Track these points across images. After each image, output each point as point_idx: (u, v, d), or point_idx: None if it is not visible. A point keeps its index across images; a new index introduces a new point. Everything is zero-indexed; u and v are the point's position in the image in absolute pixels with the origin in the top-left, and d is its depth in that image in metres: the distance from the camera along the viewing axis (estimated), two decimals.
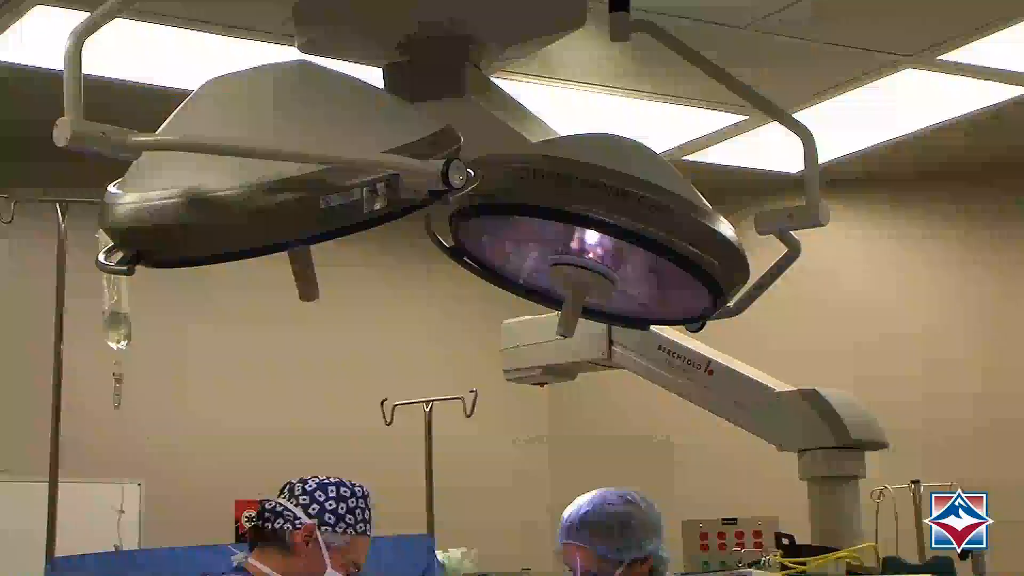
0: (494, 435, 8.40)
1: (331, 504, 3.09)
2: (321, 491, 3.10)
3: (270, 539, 3.07)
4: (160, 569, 3.89)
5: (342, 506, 3.10)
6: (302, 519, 3.06)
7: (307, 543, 3.04)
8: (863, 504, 5.19)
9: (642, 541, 3.29)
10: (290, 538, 3.05)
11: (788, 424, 5.04)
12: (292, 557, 3.05)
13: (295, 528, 3.05)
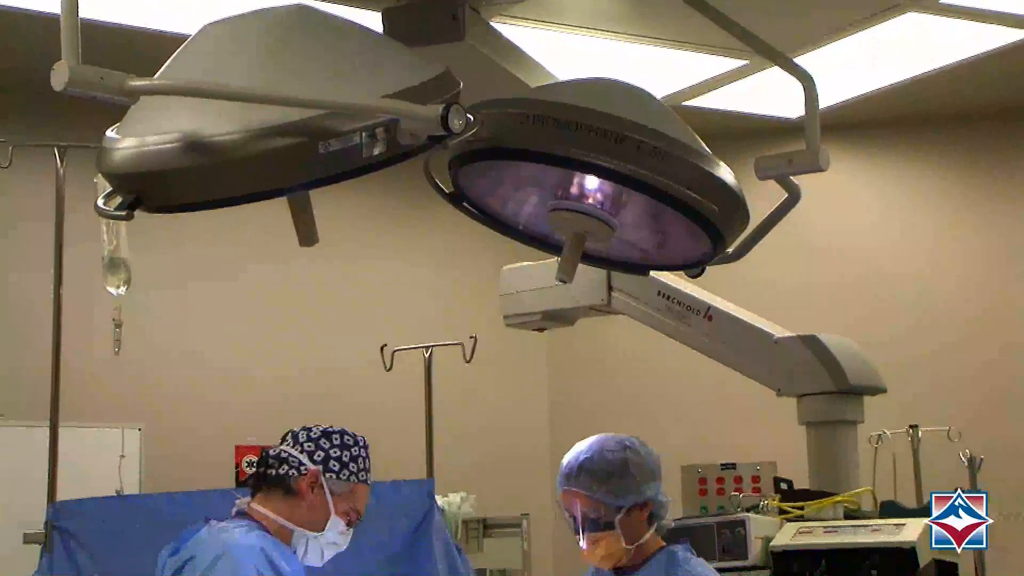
0: (493, 381, 8.42)
1: (335, 452, 3.11)
2: (325, 439, 3.12)
3: (274, 485, 3.10)
4: (161, 513, 3.90)
5: (345, 454, 3.12)
6: (307, 465, 3.09)
7: (312, 489, 3.07)
8: (861, 449, 5.22)
9: (641, 486, 3.30)
10: (295, 484, 3.07)
11: (787, 369, 5.06)
12: (296, 503, 3.07)
13: (300, 474, 3.08)
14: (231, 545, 2.94)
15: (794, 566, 4.49)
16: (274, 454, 3.12)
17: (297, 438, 3.13)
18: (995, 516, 4.75)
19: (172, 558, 3.07)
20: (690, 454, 5.38)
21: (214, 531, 3.04)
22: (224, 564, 2.89)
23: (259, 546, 2.95)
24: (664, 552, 3.34)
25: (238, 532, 3.01)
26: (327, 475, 3.08)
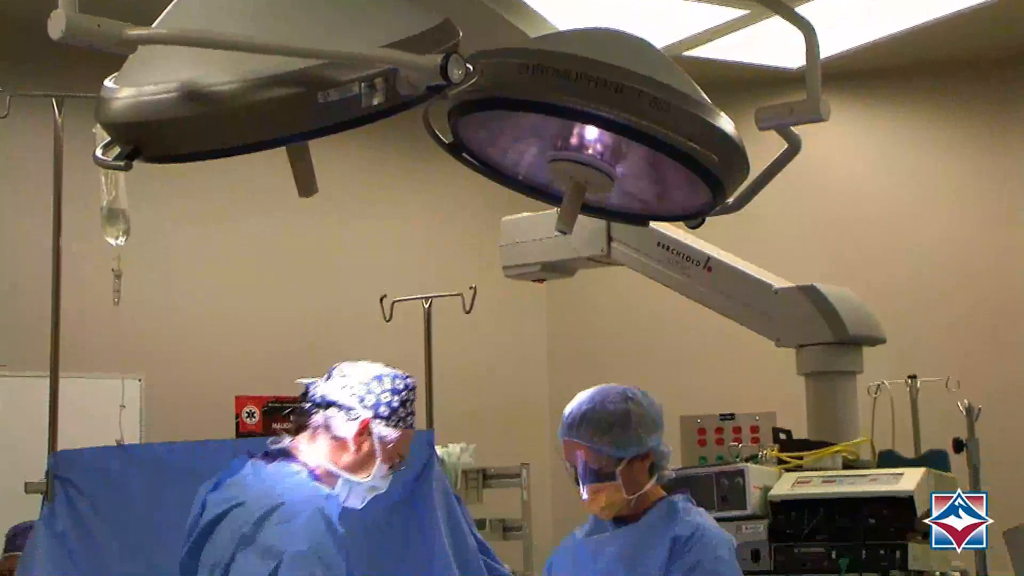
0: (493, 332, 8.43)
1: (385, 396, 3.04)
2: (376, 383, 3.05)
3: (320, 428, 3.02)
4: (161, 463, 3.91)
5: (395, 399, 3.06)
6: (357, 411, 3.02)
7: (360, 435, 3.00)
8: (860, 399, 5.23)
9: (642, 437, 3.31)
10: (344, 430, 3.00)
11: (786, 320, 5.07)
12: (343, 448, 3.00)
13: (349, 420, 3.01)
14: (287, 497, 2.86)
15: (792, 515, 4.51)
16: (321, 395, 3.04)
17: (347, 379, 3.05)
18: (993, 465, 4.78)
19: (214, 495, 2.99)
20: (689, 405, 5.40)
21: (263, 474, 2.96)
22: (280, 517, 2.81)
23: (316, 504, 2.87)
24: (664, 502, 3.36)
25: (291, 481, 2.94)
26: (376, 420, 3.02)
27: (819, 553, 4.46)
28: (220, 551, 2.84)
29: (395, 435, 3.05)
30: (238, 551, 2.79)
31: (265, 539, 2.78)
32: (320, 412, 3.02)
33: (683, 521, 3.28)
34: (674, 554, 3.22)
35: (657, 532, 3.28)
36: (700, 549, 3.22)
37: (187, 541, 2.97)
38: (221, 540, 2.86)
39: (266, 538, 2.78)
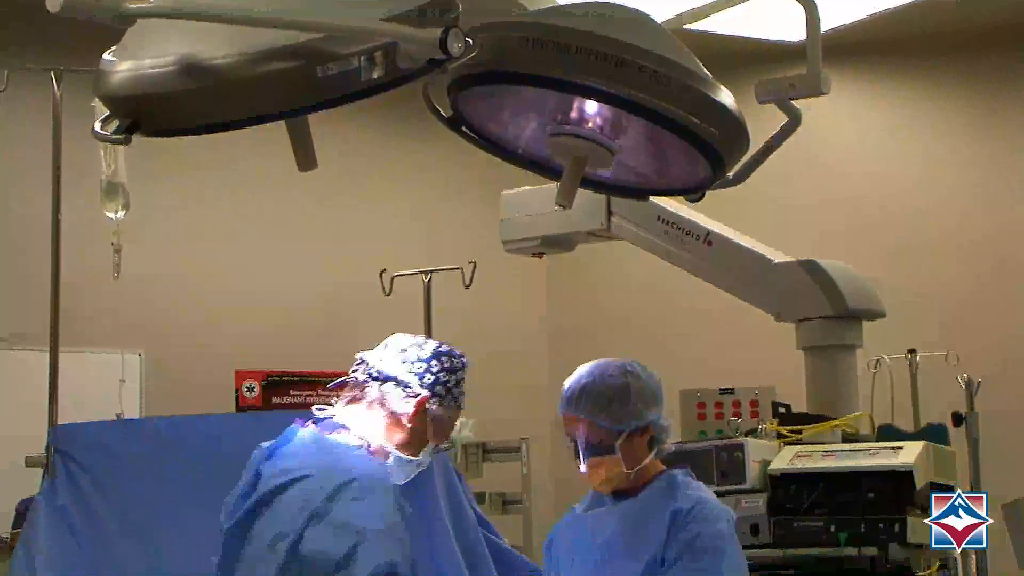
0: (493, 306, 8.43)
1: (443, 376, 3.02)
2: (436, 361, 3.03)
3: (376, 402, 3.00)
4: (162, 437, 3.92)
5: (452, 379, 3.04)
6: (415, 388, 3.00)
7: (416, 414, 2.98)
8: (859, 373, 5.24)
9: (642, 411, 3.31)
10: (400, 407, 2.99)
11: (786, 294, 5.06)
12: (398, 425, 2.99)
13: (406, 397, 2.99)
14: (358, 473, 2.83)
15: (792, 489, 4.52)
16: (380, 368, 3.02)
17: (407, 356, 3.03)
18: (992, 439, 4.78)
19: (270, 464, 2.95)
20: (689, 379, 5.40)
21: (325, 446, 2.94)
22: (354, 493, 2.79)
23: (386, 481, 2.86)
24: (664, 476, 3.36)
25: (357, 456, 2.92)
26: (432, 399, 3.00)
27: (818, 527, 4.47)
28: (284, 523, 2.80)
29: (448, 415, 3.05)
30: (309, 525, 2.75)
31: (340, 515, 2.74)
32: (376, 386, 3.00)
33: (683, 495, 3.29)
34: (674, 528, 3.23)
35: (657, 506, 3.29)
36: (700, 523, 3.23)
37: (237, 509, 2.93)
38: (285, 512, 2.82)
39: (341, 514, 2.74)
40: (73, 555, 3.64)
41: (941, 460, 4.62)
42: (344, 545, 2.70)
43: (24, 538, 3.70)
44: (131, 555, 3.71)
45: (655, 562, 3.22)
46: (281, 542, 2.79)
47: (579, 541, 3.41)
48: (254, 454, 3.00)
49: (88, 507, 3.75)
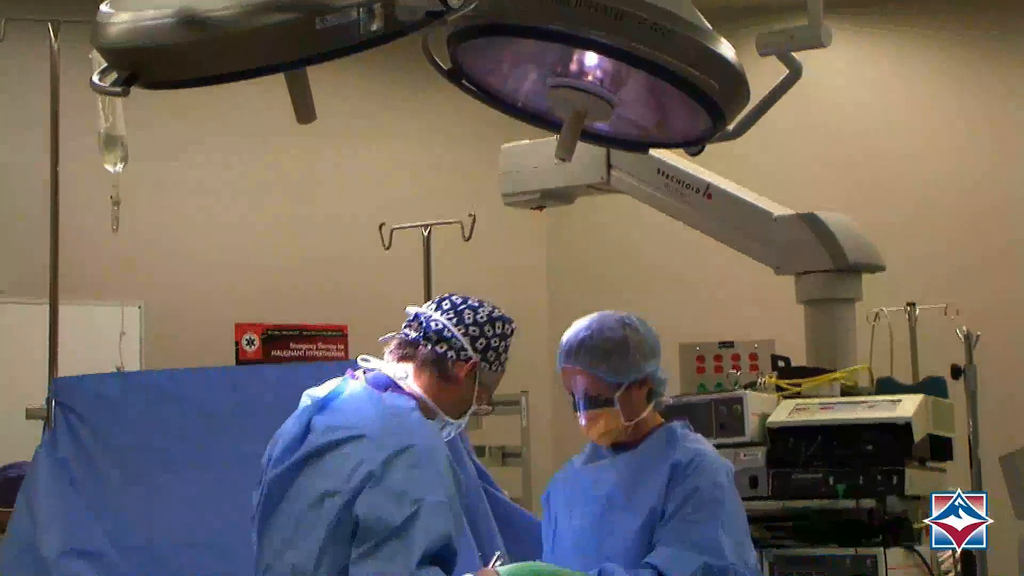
0: (492, 259, 8.42)
1: (495, 341, 3.03)
2: (490, 325, 3.03)
3: (428, 362, 2.99)
4: (162, 390, 3.92)
5: (502, 344, 3.05)
6: (469, 352, 2.99)
7: (466, 376, 2.99)
8: (859, 326, 5.24)
9: (640, 364, 3.32)
10: (452, 368, 2.98)
11: (786, 247, 5.06)
12: (447, 386, 2.99)
13: (460, 359, 2.99)
14: (417, 439, 2.82)
15: (790, 442, 4.53)
16: (436, 328, 3.00)
17: (463, 318, 3.02)
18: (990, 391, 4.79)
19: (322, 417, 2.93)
20: (688, 332, 5.40)
21: (380, 406, 2.92)
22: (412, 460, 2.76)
23: (442, 448, 2.85)
24: (663, 429, 3.37)
25: (412, 419, 2.90)
26: (483, 364, 3.01)
27: (817, 479, 4.48)
28: (337, 480, 2.78)
29: (493, 379, 3.06)
30: (365, 488, 2.74)
31: (398, 482, 2.73)
32: (430, 346, 2.99)
33: (682, 447, 3.30)
34: (673, 480, 3.24)
35: (656, 458, 3.30)
36: (699, 475, 3.24)
37: (284, 458, 2.91)
38: (338, 470, 2.80)
39: (399, 481, 2.73)
40: (73, 505, 3.66)
41: (940, 413, 4.63)
42: (402, 513, 2.69)
43: (25, 489, 3.71)
44: (131, 505, 3.72)
45: (654, 514, 3.23)
46: (330, 499, 2.78)
47: (578, 494, 3.42)
48: (303, 403, 2.99)
49: (88, 458, 3.76)
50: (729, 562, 3.16)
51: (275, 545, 2.89)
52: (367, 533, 2.71)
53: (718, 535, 3.18)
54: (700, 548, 3.15)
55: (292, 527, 2.85)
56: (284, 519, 2.88)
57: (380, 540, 2.69)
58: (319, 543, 2.77)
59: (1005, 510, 4.54)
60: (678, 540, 3.18)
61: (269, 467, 2.96)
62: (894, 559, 4.40)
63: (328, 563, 2.76)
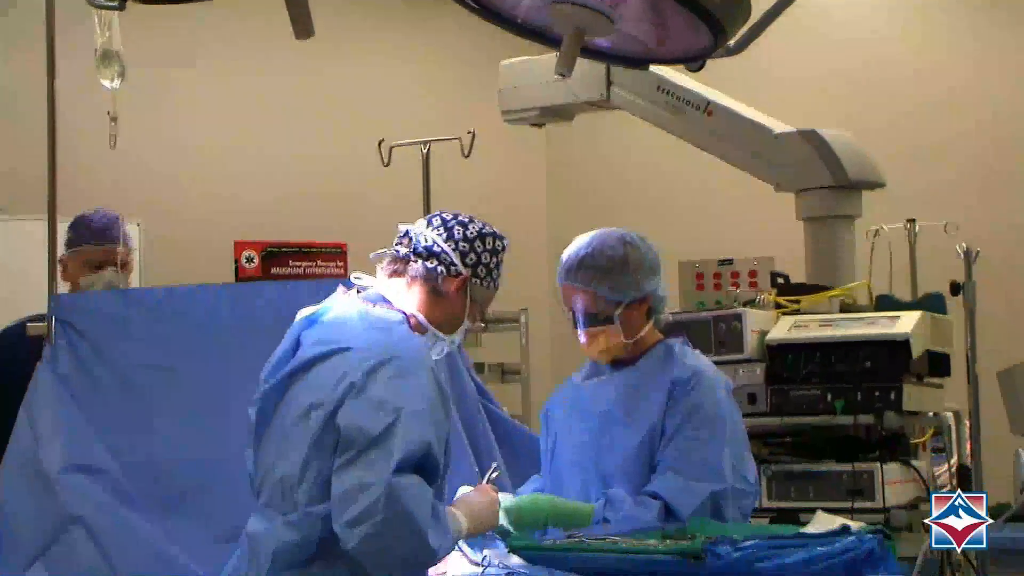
0: (491, 176, 8.40)
1: (486, 257, 3.06)
2: (480, 241, 3.06)
3: (419, 278, 3.01)
4: (161, 306, 3.93)
5: (493, 260, 3.08)
6: (459, 268, 3.01)
7: (457, 292, 3.01)
8: (858, 243, 5.24)
9: (640, 281, 3.32)
10: (442, 284, 3.01)
11: (786, 164, 5.05)
12: (438, 302, 3.01)
13: (450, 275, 3.01)
14: (400, 351, 2.84)
15: (789, 359, 4.55)
16: (426, 244, 3.02)
17: (452, 233, 3.04)
18: (989, 308, 4.80)
19: (311, 332, 2.97)
20: (688, 249, 5.39)
21: (368, 319, 2.95)
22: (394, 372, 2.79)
23: (427, 361, 2.87)
24: (662, 345, 3.38)
25: (398, 332, 2.93)
26: (474, 279, 3.03)
27: (815, 395, 4.51)
28: (322, 392, 2.83)
29: (485, 295, 3.08)
30: (347, 398, 2.78)
31: (378, 392, 2.77)
32: (420, 262, 3.01)
33: (681, 364, 3.31)
34: (673, 397, 3.25)
35: (655, 375, 3.32)
36: (699, 392, 3.26)
37: (275, 373, 2.95)
38: (323, 381, 2.85)
39: (380, 391, 2.77)
40: (75, 421, 3.67)
41: (938, 329, 4.65)
42: (382, 422, 2.73)
43: (26, 405, 3.72)
44: (132, 421, 3.73)
45: (653, 431, 3.25)
46: (316, 411, 2.82)
47: (577, 410, 3.44)
48: (296, 320, 3.02)
49: (89, 374, 3.77)
50: (729, 484, 3.19)
51: (268, 459, 2.93)
52: (348, 443, 2.75)
53: (721, 457, 3.20)
54: (704, 472, 3.17)
55: (282, 440, 2.89)
56: (275, 433, 2.93)
57: (360, 449, 2.72)
58: (304, 454, 2.81)
59: (1001, 425, 4.56)
60: (682, 461, 3.19)
61: (261, 383, 3.00)
62: (891, 474, 4.44)
63: (312, 473, 2.81)
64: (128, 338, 3.84)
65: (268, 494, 2.90)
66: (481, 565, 3.10)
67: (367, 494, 2.68)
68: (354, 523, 2.68)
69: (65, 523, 3.49)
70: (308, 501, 2.80)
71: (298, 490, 2.81)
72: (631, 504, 3.16)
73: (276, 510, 2.86)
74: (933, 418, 4.75)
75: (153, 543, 3.47)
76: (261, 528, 2.87)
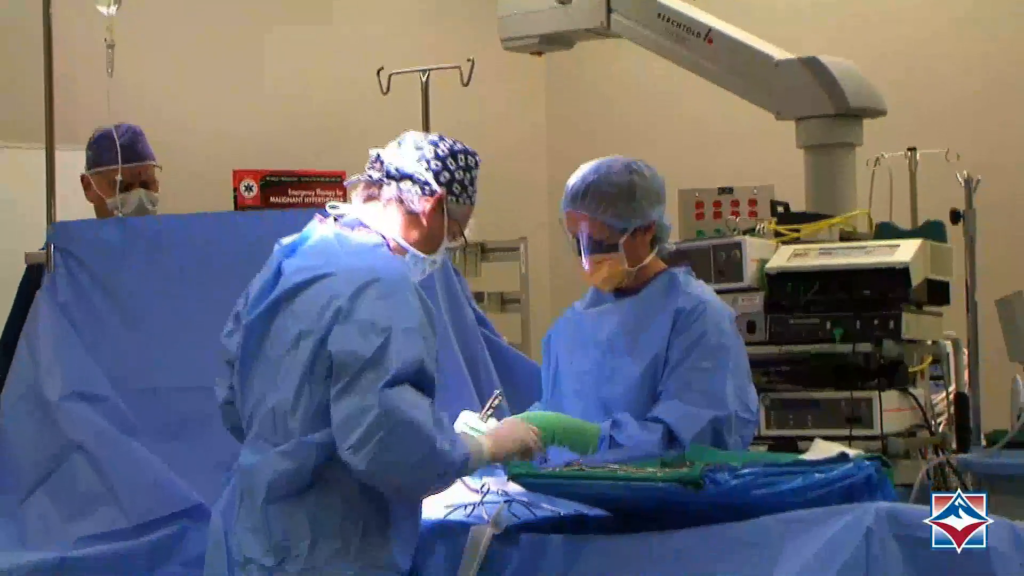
0: (491, 105, 8.36)
1: (459, 174, 3.03)
2: (452, 159, 3.03)
3: (393, 200, 3.00)
4: (160, 235, 3.92)
5: (467, 176, 3.05)
6: (433, 187, 3.00)
7: (434, 211, 2.99)
8: (859, 172, 5.23)
9: (646, 209, 3.32)
10: (418, 204, 2.99)
11: (787, 92, 5.03)
12: (415, 223, 3.00)
13: (424, 195, 2.99)
14: (381, 272, 2.84)
15: (789, 287, 4.55)
16: (397, 166, 3.01)
17: (423, 153, 3.02)
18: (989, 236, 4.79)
19: (292, 260, 2.96)
20: (688, 178, 5.38)
21: (347, 244, 2.94)
22: (379, 292, 2.79)
23: (410, 280, 2.87)
24: (665, 274, 3.38)
25: (378, 254, 2.93)
26: (449, 197, 3.01)
27: (814, 324, 4.52)
28: (308, 320, 2.83)
29: (461, 212, 3.06)
30: (336, 324, 2.78)
31: (366, 314, 2.76)
32: (393, 184, 3.00)
33: (685, 293, 3.31)
34: (678, 326, 3.26)
35: (658, 304, 3.32)
36: (704, 321, 3.26)
37: (257, 304, 2.95)
38: (309, 309, 2.84)
39: (367, 313, 2.76)
40: (75, 349, 3.67)
41: (938, 257, 4.65)
42: (373, 344, 2.72)
43: (26, 333, 3.72)
44: (132, 350, 3.74)
45: (656, 360, 3.26)
46: (305, 340, 2.82)
47: (579, 338, 3.45)
48: (275, 250, 3.02)
49: (89, 303, 3.77)
50: (732, 411, 3.20)
51: (256, 391, 2.93)
52: (342, 369, 2.75)
53: (725, 386, 3.21)
54: (707, 399, 3.19)
55: (271, 371, 2.89)
56: (263, 365, 2.92)
57: (354, 374, 2.72)
58: (296, 382, 2.82)
59: (1000, 352, 4.57)
60: (686, 390, 3.20)
61: (243, 315, 2.99)
62: (889, 402, 4.46)
63: (305, 402, 2.81)
64: (128, 266, 3.84)
65: (258, 425, 2.90)
66: (480, 492, 3.12)
67: (367, 416, 2.69)
68: (359, 446, 2.69)
69: (66, 450, 3.50)
70: (303, 430, 2.80)
71: (291, 420, 2.81)
72: (636, 426, 3.18)
73: (267, 441, 2.86)
74: (932, 346, 4.76)
75: (154, 470, 3.49)
76: (254, 460, 2.87)
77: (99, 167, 4.40)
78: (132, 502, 3.41)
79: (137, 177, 4.40)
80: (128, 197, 4.33)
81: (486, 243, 6.36)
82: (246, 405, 2.96)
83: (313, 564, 2.77)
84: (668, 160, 4.18)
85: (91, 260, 3.82)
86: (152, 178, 4.43)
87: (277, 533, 2.80)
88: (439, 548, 2.92)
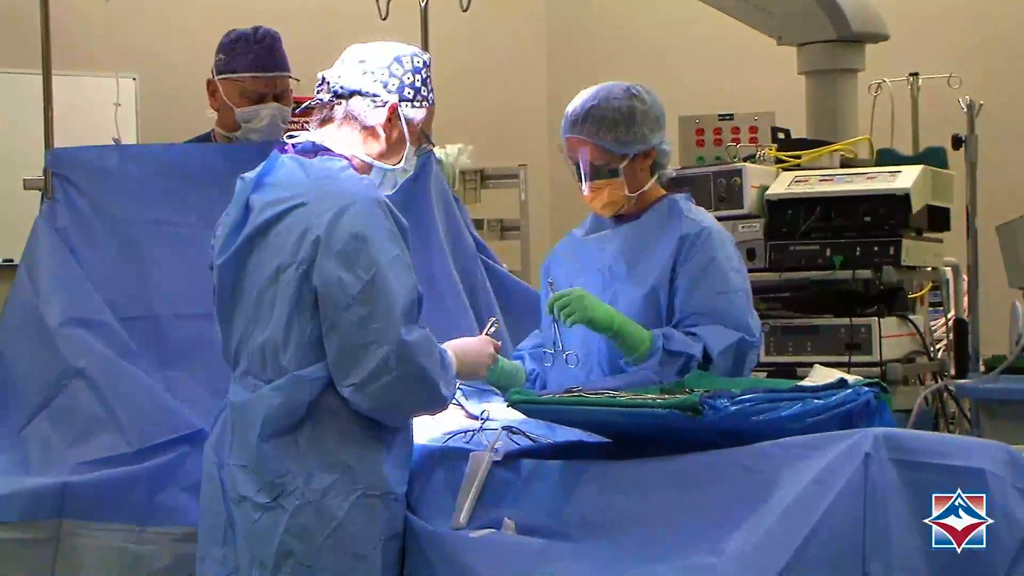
0: (490, 30, 8.31)
1: (408, 77, 2.98)
2: (397, 64, 2.98)
3: (347, 118, 2.97)
4: (159, 162, 3.90)
5: (416, 78, 2.99)
6: (382, 97, 2.95)
7: (389, 121, 2.95)
8: (860, 97, 5.20)
9: (646, 135, 3.31)
10: (372, 118, 2.95)
11: (788, 17, 5.00)
12: (374, 136, 2.96)
13: (376, 107, 2.95)
14: (353, 194, 2.81)
15: (789, 214, 4.55)
16: (342, 84, 2.97)
17: (366, 65, 2.97)
18: (990, 162, 4.78)
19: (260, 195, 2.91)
20: (688, 104, 5.35)
21: (312, 171, 2.89)
22: (353, 218, 2.77)
23: (379, 197, 2.84)
24: (666, 200, 3.38)
25: (345, 176, 2.89)
26: (402, 104, 2.96)
27: (814, 250, 4.52)
28: (286, 253, 2.81)
29: (421, 115, 3.02)
30: (318, 256, 2.76)
31: (347, 243, 2.74)
32: (343, 103, 2.97)
33: (687, 219, 3.30)
34: (682, 252, 3.25)
35: (659, 230, 3.31)
36: (710, 247, 3.26)
37: (229, 243, 2.92)
38: (285, 242, 2.82)
39: (348, 243, 2.74)
40: (74, 275, 3.66)
41: (939, 183, 4.64)
42: (360, 278, 2.73)
43: (25, 259, 3.72)
44: (130, 276, 3.73)
45: (658, 285, 3.25)
46: (285, 273, 2.80)
47: (579, 264, 3.44)
48: (238, 186, 2.98)
49: (87, 229, 3.76)
50: (756, 336, 3.23)
51: (239, 329, 2.91)
52: (330, 303, 2.75)
53: (745, 311, 3.23)
54: (728, 320, 3.20)
55: (254, 307, 2.87)
56: (244, 301, 2.90)
57: (343, 308, 2.73)
58: (284, 317, 2.80)
59: (999, 278, 4.57)
60: (709, 309, 3.21)
61: (216, 255, 2.96)
62: (888, 328, 4.47)
63: (296, 336, 2.80)
64: (126, 193, 3.82)
65: (246, 362, 2.89)
66: (480, 419, 3.13)
67: (372, 354, 2.69)
68: (364, 384, 2.71)
69: (66, 375, 3.50)
70: (296, 365, 2.80)
71: (283, 355, 2.81)
72: (682, 337, 3.18)
73: (257, 378, 2.86)
74: (931, 272, 4.76)
75: (154, 395, 3.49)
76: (246, 397, 2.86)
77: (229, 73, 4.16)
78: (133, 427, 3.41)
79: (272, 88, 4.10)
80: (260, 110, 4.02)
81: (486, 170, 6.34)
82: (229, 344, 2.95)
83: (310, 497, 2.77)
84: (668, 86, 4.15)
85: (89, 186, 3.80)
86: (287, 90, 4.13)
87: (272, 471, 2.80)
88: (438, 474, 2.93)
